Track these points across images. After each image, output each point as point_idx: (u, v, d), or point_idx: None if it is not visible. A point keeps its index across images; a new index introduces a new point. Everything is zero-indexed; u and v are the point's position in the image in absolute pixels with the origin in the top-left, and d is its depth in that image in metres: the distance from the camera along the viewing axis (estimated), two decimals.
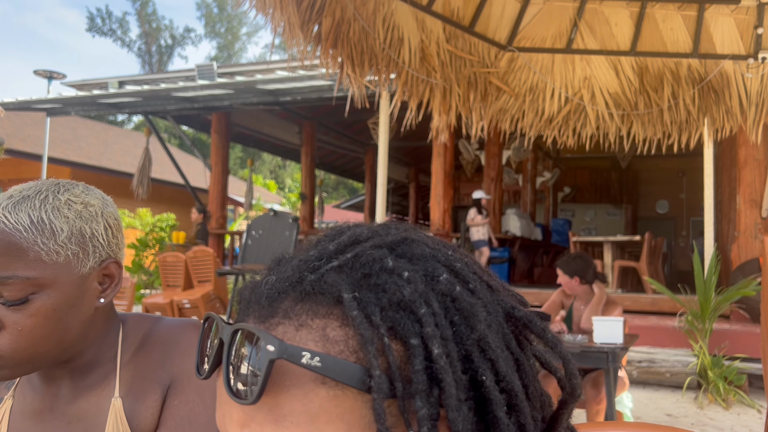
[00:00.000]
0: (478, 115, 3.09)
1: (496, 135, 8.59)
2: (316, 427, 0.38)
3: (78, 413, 0.83)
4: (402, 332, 0.40)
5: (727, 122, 3.07)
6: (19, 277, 0.73)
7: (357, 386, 0.38)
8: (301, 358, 0.37)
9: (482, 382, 0.40)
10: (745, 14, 2.70)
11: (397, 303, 0.40)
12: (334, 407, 0.38)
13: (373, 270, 0.42)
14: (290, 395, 0.38)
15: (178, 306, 6.27)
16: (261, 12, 2.39)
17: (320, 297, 0.41)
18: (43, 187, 0.80)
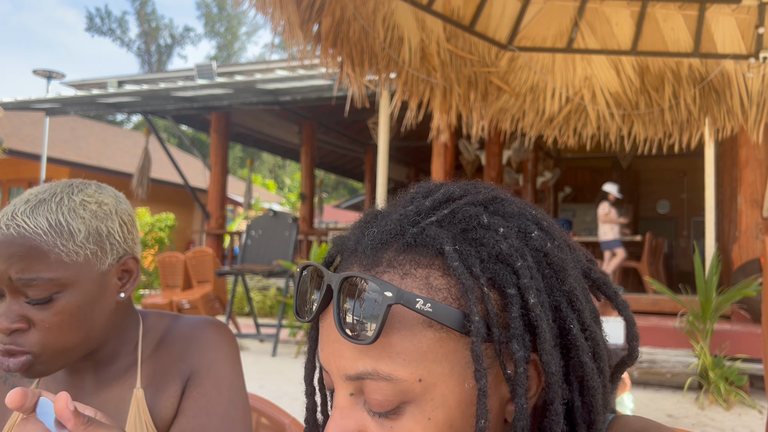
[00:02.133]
0: (479, 115, 3.08)
1: (496, 135, 8.58)
2: (424, 365, 0.43)
3: (101, 404, 0.86)
4: (500, 283, 0.45)
5: (728, 122, 3.06)
6: (42, 278, 0.76)
7: (459, 330, 0.43)
8: (416, 303, 0.42)
9: (569, 330, 0.45)
10: (746, 14, 2.68)
11: (495, 256, 0.45)
12: (439, 348, 0.43)
13: (470, 225, 0.47)
14: (401, 336, 0.43)
15: (178, 306, 6.26)
16: (260, 11, 2.38)
17: (422, 249, 0.45)
18: (58, 189, 0.82)
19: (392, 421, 0.44)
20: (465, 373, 0.44)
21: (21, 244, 0.76)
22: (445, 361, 0.43)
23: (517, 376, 0.43)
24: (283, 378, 5.23)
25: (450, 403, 0.43)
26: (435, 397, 0.43)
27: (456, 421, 0.44)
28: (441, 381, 0.43)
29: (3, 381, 0.90)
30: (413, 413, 0.44)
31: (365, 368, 0.44)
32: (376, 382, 0.44)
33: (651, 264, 7.54)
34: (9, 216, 0.78)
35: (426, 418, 0.43)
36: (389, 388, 0.43)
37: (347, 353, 0.45)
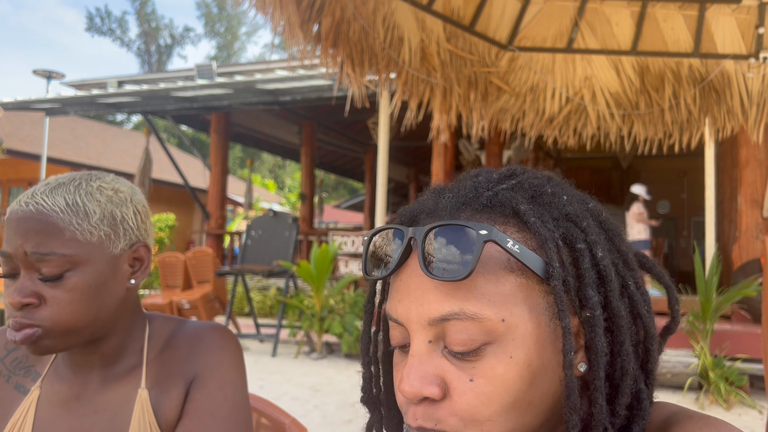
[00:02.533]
0: (479, 115, 3.08)
1: (496, 135, 8.58)
2: (507, 307, 0.47)
3: (105, 402, 0.87)
4: (571, 239, 0.49)
5: (729, 122, 3.06)
6: (56, 254, 0.79)
7: (541, 274, 0.47)
8: (507, 242, 0.46)
9: (627, 286, 0.51)
10: (746, 14, 2.68)
11: (564, 216, 0.50)
12: (519, 292, 0.47)
13: (537, 193, 0.52)
14: (486, 279, 0.47)
15: (178, 306, 6.25)
16: (260, 11, 2.38)
17: (498, 209, 0.50)
18: (77, 176, 0.87)
19: (473, 361, 0.47)
20: (540, 318, 0.48)
21: (38, 220, 0.80)
22: (524, 304, 0.47)
23: (595, 318, 0.48)
24: (283, 378, 5.23)
25: (529, 344, 0.47)
26: (516, 337, 0.47)
27: (534, 361, 0.47)
28: (521, 323, 0.47)
29: (6, 380, 0.91)
30: (495, 352, 0.47)
31: (452, 309, 0.47)
32: (462, 322, 0.47)
33: None
34: (29, 195, 0.83)
35: (508, 356, 0.46)
36: (474, 328, 0.46)
37: (433, 297, 0.48)
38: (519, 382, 0.46)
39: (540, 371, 0.47)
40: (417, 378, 0.47)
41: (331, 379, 5.30)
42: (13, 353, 0.93)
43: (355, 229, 14.95)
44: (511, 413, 0.47)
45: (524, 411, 0.47)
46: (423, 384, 0.47)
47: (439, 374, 0.48)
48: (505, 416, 0.47)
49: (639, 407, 0.50)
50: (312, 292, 6.54)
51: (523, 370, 0.47)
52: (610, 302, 0.49)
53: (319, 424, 3.89)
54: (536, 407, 0.48)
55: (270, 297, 8.78)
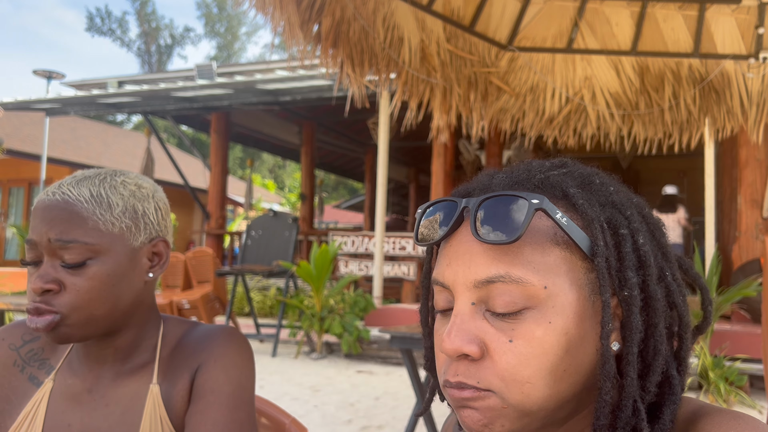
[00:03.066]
0: (479, 115, 3.08)
1: (496, 135, 8.58)
2: (549, 276, 0.50)
3: (116, 396, 0.89)
4: (614, 223, 0.53)
5: (728, 122, 3.06)
6: (79, 241, 0.83)
7: (585, 250, 0.51)
8: (556, 213, 0.50)
9: (665, 276, 0.54)
10: (746, 14, 2.69)
11: (610, 203, 0.54)
12: (563, 264, 0.51)
13: (586, 181, 0.55)
14: (532, 248, 0.50)
15: (178, 306, 6.25)
16: (261, 11, 2.38)
17: (548, 190, 0.53)
18: (103, 171, 0.91)
19: (513, 323, 0.50)
20: (581, 291, 0.51)
21: (63, 209, 0.84)
22: (566, 276, 0.51)
23: (632, 297, 0.51)
24: (283, 378, 5.24)
25: (568, 313, 0.50)
26: (556, 305, 0.50)
27: (571, 330, 0.50)
28: (562, 292, 0.50)
29: (20, 370, 0.93)
30: (535, 317, 0.50)
31: (498, 271, 0.50)
32: (506, 285, 0.50)
33: None
34: (57, 186, 0.87)
35: (547, 321, 0.49)
36: (518, 291, 0.50)
37: (481, 260, 0.51)
38: (556, 347, 0.49)
39: (576, 341, 0.50)
40: (458, 335, 0.50)
41: (331, 379, 5.30)
42: (29, 344, 0.95)
43: (355, 229, 14.95)
44: (548, 378, 0.49)
45: (560, 378, 0.50)
46: (463, 341, 0.50)
47: (479, 335, 0.51)
48: (542, 380, 0.49)
49: (671, 391, 0.53)
50: (312, 292, 6.54)
51: (560, 336, 0.49)
52: (647, 286, 0.52)
53: (319, 424, 3.89)
54: (571, 376, 0.51)
55: (270, 297, 8.78)
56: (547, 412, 0.51)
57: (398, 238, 8.51)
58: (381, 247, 7.50)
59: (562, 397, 0.51)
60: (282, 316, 6.50)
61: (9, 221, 14.65)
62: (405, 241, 8.47)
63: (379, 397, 4.62)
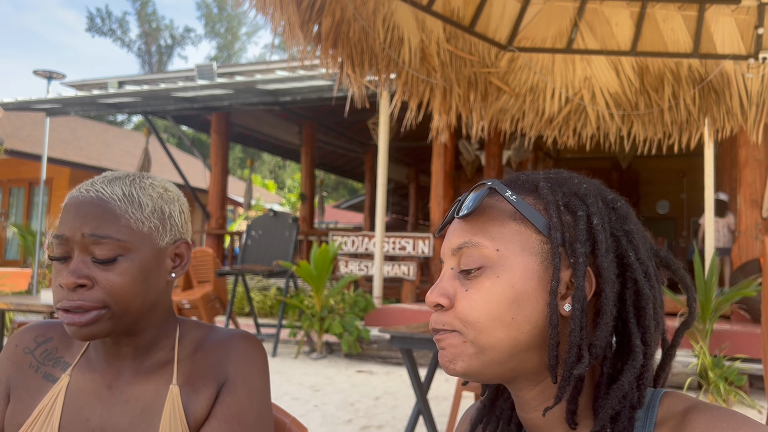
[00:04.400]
0: (479, 115, 3.09)
1: (496, 135, 8.58)
2: (503, 242, 0.62)
3: (136, 393, 0.91)
4: (573, 207, 0.63)
5: (728, 122, 3.06)
6: (112, 237, 0.86)
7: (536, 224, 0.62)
8: (505, 192, 0.63)
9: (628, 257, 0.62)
10: (745, 14, 2.69)
11: (574, 192, 0.64)
12: (516, 235, 0.63)
13: (563, 179, 0.66)
14: (492, 222, 0.64)
15: (178, 306, 6.26)
16: (261, 12, 2.38)
17: (526, 185, 0.66)
18: (131, 173, 0.95)
19: (472, 279, 0.63)
20: (532, 257, 0.62)
21: (97, 206, 0.87)
22: (518, 244, 0.62)
23: (578, 264, 0.60)
24: (283, 378, 5.24)
25: (515, 270, 0.61)
26: (505, 264, 0.62)
27: (517, 284, 0.61)
28: (512, 255, 0.62)
29: (35, 370, 0.94)
30: (487, 273, 0.62)
31: (463, 239, 0.64)
32: (469, 248, 0.63)
33: None
34: (89, 184, 0.90)
35: (496, 276, 0.62)
36: (476, 253, 0.63)
37: (457, 232, 0.65)
38: (502, 296, 0.61)
39: (522, 294, 0.61)
40: (434, 291, 0.65)
41: (331, 378, 5.30)
42: (43, 345, 0.96)
43: (355, 229, 14.95)
44: (496, 322, 0.61)
45: (509, 324, 0.61)
46: (436, 295, 0.64)
47: (450, 290, 0.64)
48: (491, 322, 0.61)
49: (632, 357, 0.61)
50: (312, 292, 6.54)
51: (506, 287, 0.61)
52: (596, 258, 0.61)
53: (319, 423, 3.89)
54: (521, 326, 0.61)
55: (270, 297, 8.78)
56: (502, 354, 0.61)
57: (398, 238, 8.51)
58: (381, 247, 7.50)
59: (516, 344, 0.61)
60: (282, 316, 6.50)
61: (9, 221, 14.65)
62: (405, 241, 8.47)
63: (379, 397, 4.63)
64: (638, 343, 0.61)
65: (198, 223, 16.27)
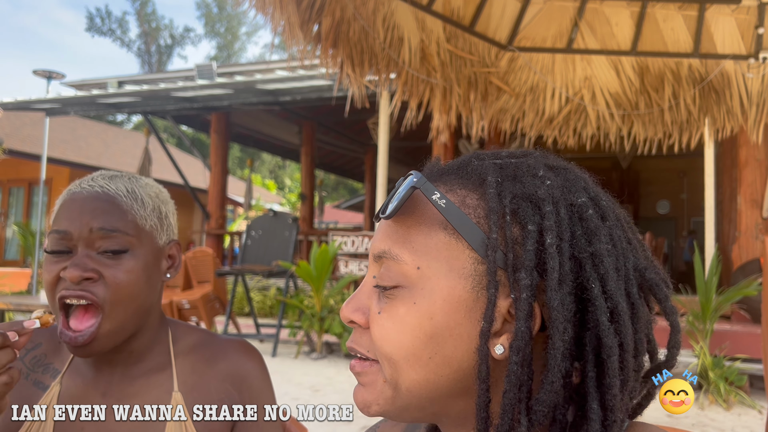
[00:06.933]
0: (479, 115, 3.08)
1: (496, 135, 8.57)
2: (426, 259, 0.49)
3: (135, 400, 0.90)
4: (522, 217, 0.48)
5: (728, 122, 3.06)
6: (121, 231, 0.86)
7: (468, 240, 0.48)
8: (433, 194, 0.49)
9: (590, 289, 0.47)
10: (745, 14, 2.69)
11: (528, 196, 0.49)
12: (445, 250, 0.49)
13: (522, 171, 0.51)
14: (418, 229, 0.50)
15: (178, 306, 6.25)
16: (261, 11, 2.38)
17: (473, 176, 0.51)
18: (125, 173, 0.95)
19: (388, 298, 0.50)
20: (460, 281, 0.48)
21: (105, 200, 0.86)
22: (445, 262, 0.49)
23: (519, 301, 0.46)
24: (283, 378, 5.24)
25: (436, 298, 0.48)
26: (425, 287, 0.49)
27: (437, 316, 0.48)
28: (435, 277, 0.49)
29: (25, 377, 0.92)
30: (404, 295, 0.49)
31: (384, 247, 0.51)
32: (388, 261, 0.51)
33: None
34: (89, 180, 0.89)
35: (412, 301, 0.49)
36: (395, 268, 0.50)
37: (380, 235, 0.53)
38: (417, 329, 0.48)
39: (443, 329, 0.48)
40: (351, 304, 0.53)
41: (331, 379, 5.30)
42: (32, 352, 0.95)
43: (355, 229, 14.94)
44: (411, 360, 0.49)
45: (425, 364, 0.48)
46: (352, 310, 0.53)
47: (367, 305, 0.52)
48: (404, 360, 0.49)
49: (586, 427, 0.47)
50: (312, 292, 6.54)
51: (423, 319, 0.48)
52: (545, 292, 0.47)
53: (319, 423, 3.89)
54: (440, 367, 0.48)
55: (270, 297, 8.78)
56: (420, 400, 0.49)
57: None
58: None
59: (434, 388, 0.49)
60: (282, 316, 6.50)
61: (9, 221, 14.65)
62: None
63: None
64: (595, 407, 0.46)
65: (198, 223, 16.27)
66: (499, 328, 0.48)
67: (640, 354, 0.49)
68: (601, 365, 0.47)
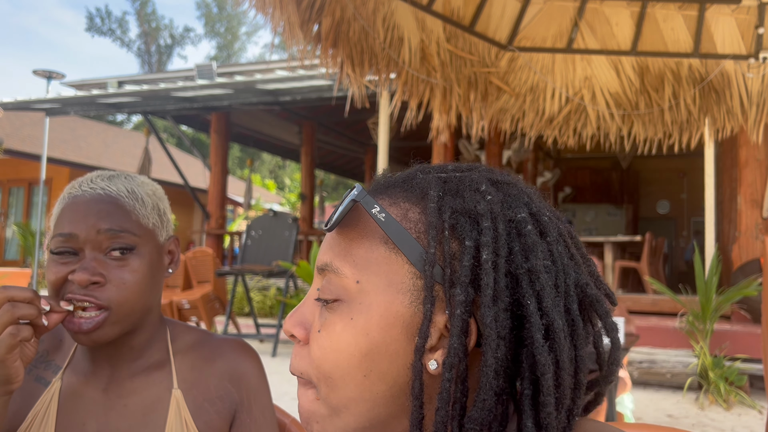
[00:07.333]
0: (479, 115, 3.08)
1: (496, 135, 8.58)
2: (366, 273, 0.49)
3: (135, 397, 0.90)
4: (460, 232, 0.48)
5: (728, 122, 3.06)
6: (129, 231, 0.86)
7: (407, 255, 0.48)
8: (372, 207, 0.49)
9: (526, 306, 0.46)
10: (746, 14, 2.69)
11: (467, 211, 0.49)
12: (384, 264, 0.49)
13: (465, 186, 0.51)
14: (359, 243, 0.50)
15: (178, 306, 6.25)
16: (260, 11, 2.38)
17: (416, 189, 0.51)
18: (121, 172, 0.95)
19: (328, 312, 0.50)
20: (397, 296, 0.48)
21: (109, 202, 0.87)
22: (384, 277, 0.48)
23: (454, 317, 0.46)
24: (283, 378, 5.24)
25: (373, 314, 0.48)
26: (363, 302, 0.48)
27: (373, 332, 0.48)
28: (374, 292, 0.48)
29: (27, 372, 0.92)
30: (342, 310, 0.49)
31: (326, 260, 0.51)
32: (330, 273, 0.51)
33: (651, 264, 7.53)
34: (88, 181, 0.89)
35: (349, 317, 0.49)
36: (335, 280, 0.50)
37: (324, 247, 0.53)
38: (353, 347, 0.48)
39: (379, 345, 0.48)
40: (293, 318, 0.52)
41: None
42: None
43: None
44: (347, 379, 0.48)
45: (360, 383, 0.48)
46: (294, 324, 0.52)
47: (309, 320, 0.52)
48: (341, 379, 0.48)
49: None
50: None
51: (359, 336, 0.48)
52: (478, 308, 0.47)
53: None
54: (375, 385, 0.48)
55: (270, 297, 8.78)
56: (358, 419, 0.49)
57: None
58: None
59: (371, 407, 0.48)
60: (282, 316, 6.50)
61: (9, 221, 14.65)
62: None
63: None
64: (529, 425, 0.46)
65: (198, 223, 16.28)
66: (435, 343, 0.48)
67: (580, 371, 0.48)
68: (536, 382, 0.46)
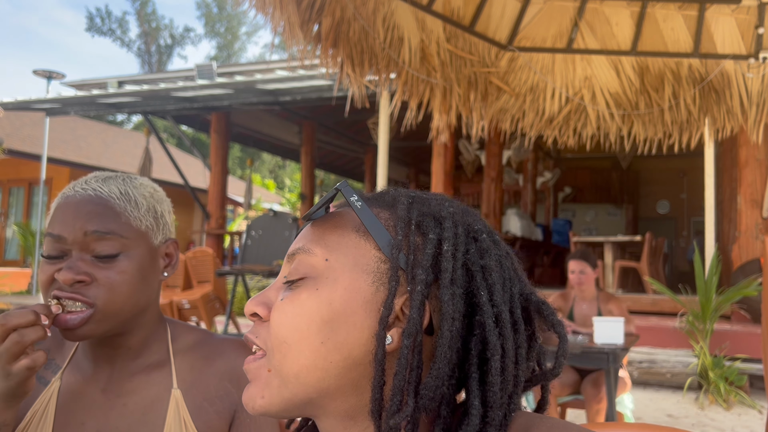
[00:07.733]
0: (479, 115, 3.09)
1: (496, 135, 8.57)
2: (335, 254, 0.55)
3: (134, 397, 0.90)
4: (425, 229, 0.55)
5: (728, 122, 3.06)
6: (116, 234, 0.86)
7: (376, 239, 0.55)
8: (351, 196, 0.56)
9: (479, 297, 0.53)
10: (746, 14, 2.69)
11: (431, 214, 0.56)
12: (354, 248, 0.55)
13: (430, 199, 0.59)
14: (333, 231, 0.56)
15: (178, 306, 6.25)
16: (261, 11, 2.38)
17: (387, 200, 0.59)
18: (120, 173, 0.95)
19: (293, 289, 0.55)
20: (361, 276, 0.54)
21: (98, 203, 0.87)
22: (352, 258, 0.54)
23: (414, 293, 0.51)
24: None
25: (338, 287, 0.53)
26: (329, 276, 0.54)
27: (336, 302, 0.53)
28: (341, 270, 0.54)
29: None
30: (308, 284, 0.54)
31: (299, 245, 0.57)
32: (300, 255, 0.56)
33: (651, 264, 7.53)
34: (82, 183, 0.90)
35: (315, 288, 0.54)
36: (304, 260, 0.55)
37: (298, 237, 0.59)
38: (314, 313, 0.53)
39: (340, 315, 0.52)
40: (257, 299, 0.57)
41: None
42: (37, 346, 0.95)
43: None
44: (302, 345, 0.52)
45: (316, 350, 0.52)
46: (256, 303, 0.56)
47: (272, 299, 0.56)
48: (297, 345, 0.52)
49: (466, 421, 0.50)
50: None
51: (322, 304, 0.53)
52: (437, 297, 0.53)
53: None
54: (331, 353, 0.52)
55: None
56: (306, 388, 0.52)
57: None
58: None
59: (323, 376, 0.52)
60: None
61: (9, 221, 14.65)
62: None
63: None
64: (476, 404, 0.50)
65: (198, 223, 16.27)
66: (391, 322, 0.53)
67: (519, 364, 0.54)
68: (484, 365, 0.52)
